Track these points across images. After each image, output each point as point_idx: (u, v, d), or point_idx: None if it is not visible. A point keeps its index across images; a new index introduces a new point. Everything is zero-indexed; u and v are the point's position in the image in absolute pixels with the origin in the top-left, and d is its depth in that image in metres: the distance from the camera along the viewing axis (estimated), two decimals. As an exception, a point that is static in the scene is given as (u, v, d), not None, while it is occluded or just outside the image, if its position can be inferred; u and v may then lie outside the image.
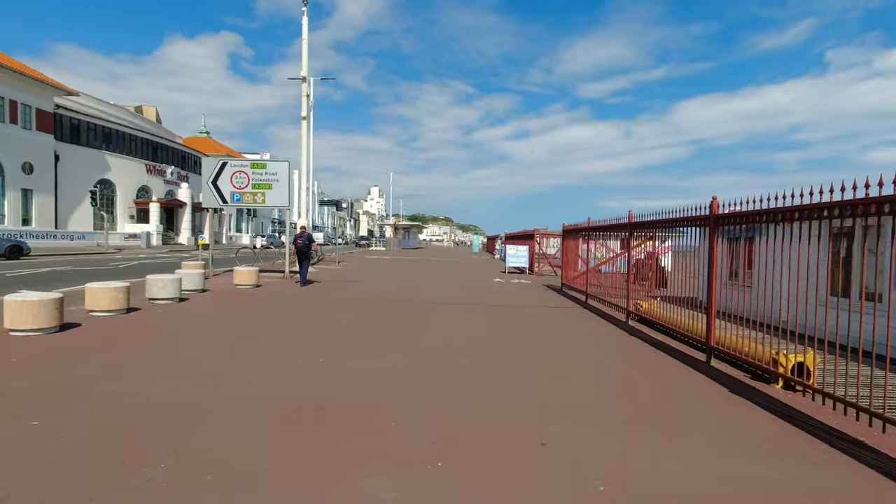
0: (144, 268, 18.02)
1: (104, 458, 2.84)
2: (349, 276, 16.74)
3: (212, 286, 11.88)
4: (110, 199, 38.20)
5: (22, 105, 30.03)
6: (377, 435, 3.37)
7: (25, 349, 5.27)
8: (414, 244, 66.73)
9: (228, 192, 14.50)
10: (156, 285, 8.82)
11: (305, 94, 18.38)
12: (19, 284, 11.71)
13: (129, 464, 2.78)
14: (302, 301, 10.19)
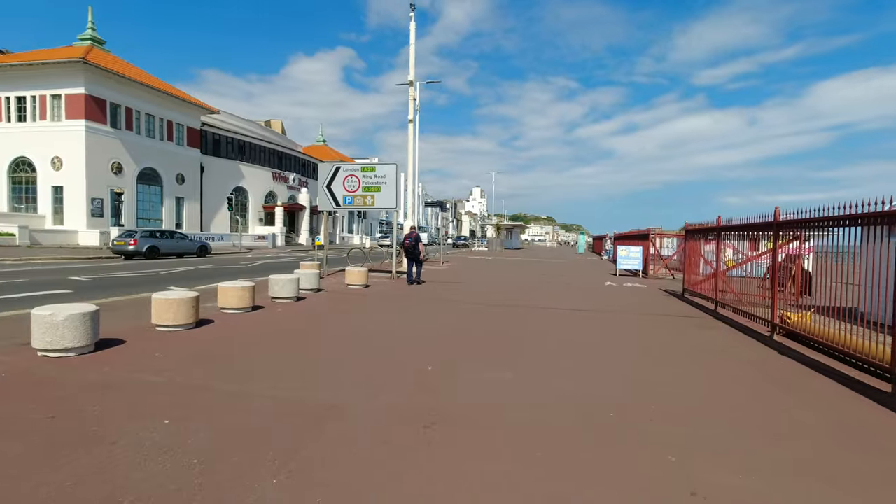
0: (269, 267, 19.68)
1: (221, 466, 2.84)
2: (453, 277, 16.72)
3: (326, 285, 12.48)
4: (243, 205, 42.75)
5: (176, 124, 34.72)
6: (492, 462, 3.02)
7: (165, 344, 5.76)
8: (516, 244, 65.84)
9: (341, 195, 15.22)
10: (277, 284, 9.39)
11: (412, 98, 18.75)
12: (170, 282, 13.31)
13: (244, 476, 2.73)
14: (408, 302, 10.24)
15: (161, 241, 22.70)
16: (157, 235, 22.81)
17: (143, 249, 21.30)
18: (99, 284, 12.02)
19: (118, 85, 29.65)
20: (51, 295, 9.99)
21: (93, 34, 32.90)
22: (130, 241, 21.19)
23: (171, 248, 23.25)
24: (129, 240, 21.22)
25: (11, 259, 17.94)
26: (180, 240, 24.41)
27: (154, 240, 22.23)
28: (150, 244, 21.72)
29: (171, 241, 23.55)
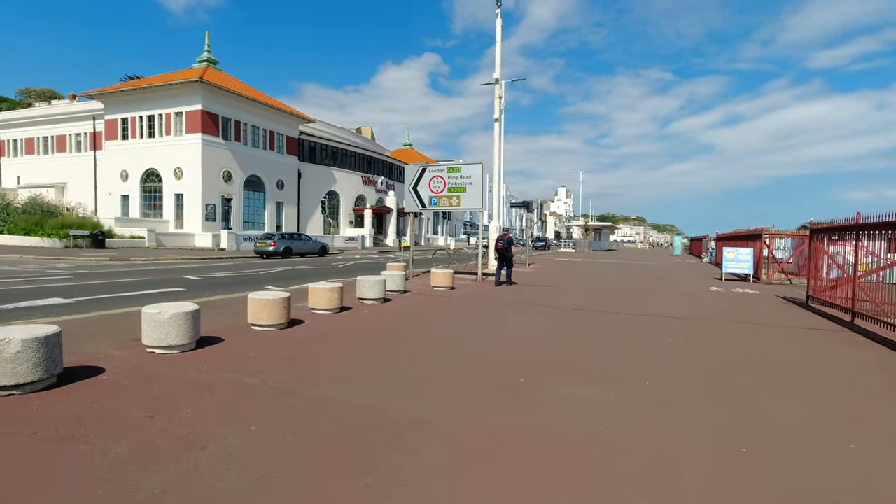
0: (357, 268, 20.29)
1: (299, 481, 2.65)
2: (540, 280, 16.04)
3: (411, 287, 12.47)
4: (335, 208, 44.97)
5: (277, 134, 37.34)
6: None
7: (259, 344, 5.88)
8: (605, 246, 62.83)
9: (427, 196, 15.21)
10: (364, 286, 9.46)
11: (497, 97, 18.34)
12: (268, 281, 14.09)
13: (320, 493, 2.52)
14: (495, 307, 9.85)
15: (293, 242, 26.27)
16: (288, 238, 26.35)
17: (280, 249, 24.65)
18: (207, 283, 13.00)
19: (228, 100, 32.48)
20: (166, 293, 10.93)
21: (208, 56, 36.39)
22: (270, 242, 24.52)
23: (300, 248, 26.74)
24: (269, 241, 24.53)
25: (141, 259, 20.19)
26: (306, 241, 28.10)
27: (288, 241, 25.73)
28: (285, 245, 25.20)
29: (300, 243, 27.12)
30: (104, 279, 13.00)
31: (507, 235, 14.74)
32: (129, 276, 14.08)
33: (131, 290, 11.09)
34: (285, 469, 2.82)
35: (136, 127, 33.02)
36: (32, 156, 40.60)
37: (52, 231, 22.97)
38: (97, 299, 9.48)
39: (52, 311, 7.94)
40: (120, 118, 33.55)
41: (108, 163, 34.47)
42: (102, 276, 13.87)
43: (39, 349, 3.86)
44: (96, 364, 4.71)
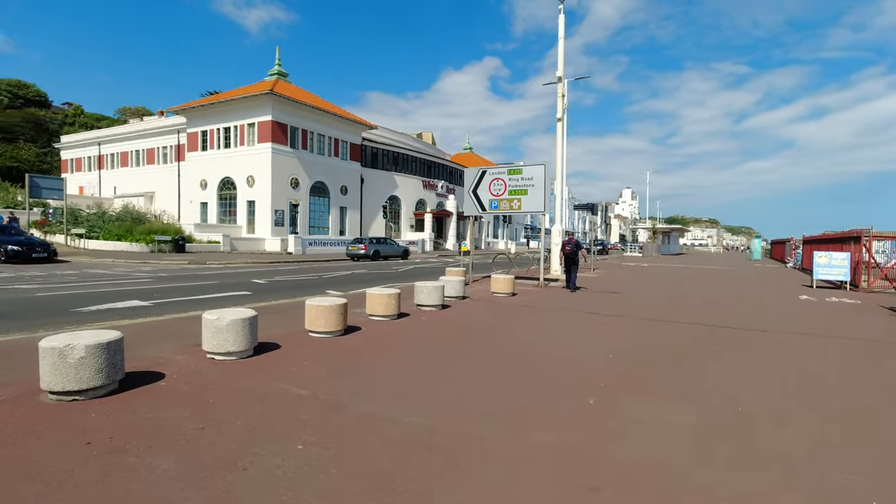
0: (417, 272, 20.26)
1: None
2: (609, 286, 15.16)
3: (471, 293, 12.14)
4: (396, 212, 45.66)
5: (341, 141, 38.49)
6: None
7: (314, 352, 5.78)
8: (675, 249, 59.32)
9: (487, 199, 14.85)
10: (422, 292, 9.25)
11: (560, 95, 17.65)
12: (330, 285, 14.30)
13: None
14: (560, 315, 9.29)
15: (380, 246, 28.71)
16: (376, 242, 28.65)
17: (370, 252, 27.09)
18: (272, 287, 13.37)
19: (296, 110, 33.88)
20: (234, 296, 11.31)
21: (279, 69, 38.21)
22: (362, 246, 27.14)
23: (386, 251, 29.09)
24: (360, 245, 27.16)
25: (216, 263, 21.36)
26: (392, 245, 30.44)
27: (376, 245, 28.21)
28: (374, 248, 27.83)
29: (387, 246, 29.46)
30: (180, 282, 13.75)
31: (574, 239, 14.44)
32: (203, 279, 14.83)
33: (203, 293, 11.59)
34: (327, 498, 2.57)
35: (214, 138, 35.25)
36: (126, 168, 44.54)
37: (140, 237, 24.91)
38: (171, 302, 9.95)
39: (130, 314, 8.37)
40: (200, 131, 35.97)
41: (189, 172, 37.06)
42: (179, 279, 14.70)
43: (102, 355, 3.91)
44: (158, 369, 4.77)
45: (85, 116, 73.87)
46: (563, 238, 16.52)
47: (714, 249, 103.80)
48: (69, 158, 50.75)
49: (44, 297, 9.89)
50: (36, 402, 3.83)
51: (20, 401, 3.85)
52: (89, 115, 75.50)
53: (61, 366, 3.77)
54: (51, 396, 3.85)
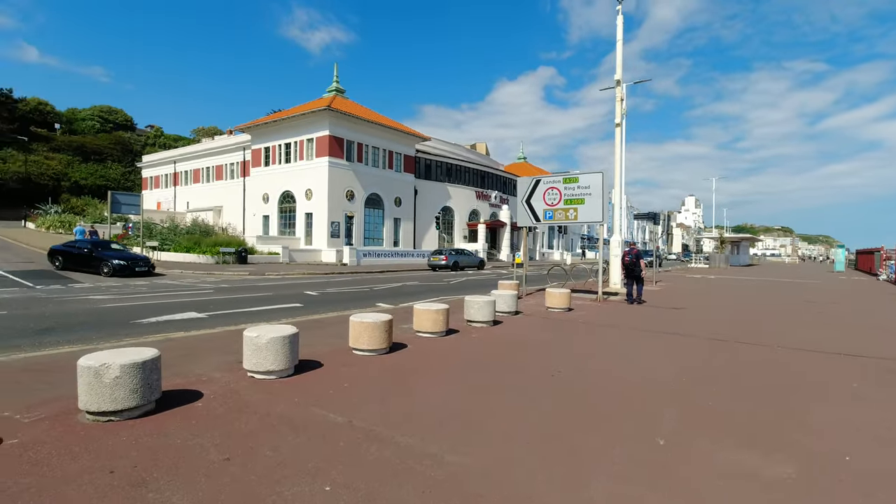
0: (469, 284, 19.86)
1: None
2: (673, 301, 14.06)
3: (524, 307, 11.59)
4: (449, 223, 45.60)
5: (395, 153, 39.04)
6: None
7: (356, 373, 5.51)
8: (744, 260, 55.30)
9: (541, 209, 14.27)
10: (472, 307, 8.84)
11: (619, 100, 16.80)
12: (380, 298, 14.19)
13: None
14: (621, 334, 8.56)
15: (459, 257, 30.02)
16: (456, 253, 30.14)
17: (450, 263, 28.34)
18: (324, 300, 13.43)
19: (352, 124, 34.74)
20: (286, 308, 11.39)
21: (336, 86, 39.45)
22: (442, 257, 28.73)
23: (465, 262, 30.18)
24: (441, 256, 28.76)
25: (274, 274, 22.02)
26: (468, 256, 31.57)
27: (456, 256, 29.51)
28: (454, 259, 29.08)
29: (465, 257, 30.66)
30: (238, 293, 14.13)
31: (636, 249, 13.81)
32: (259, 290, 15.20)
33: (257, 304, 11.78)
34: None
35: (276, 154, 36.80)
36: (198, 184, 47.47)
37: (207, 249, 26.23)
38: (225, 314, 10.13)
39: (185, 326, 8.54)
40: (263, 147, 37.70)
41: (253, 187, 38.87)
42: (238, 290, 15.14)
43: (137, 375, 3.80)
44: (197, 387, 4.66)
45: (164, 137, 79.93)
46: (622, 248, 15.61)
47: (789, 260, 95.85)
48: (149, 176, 54.87)
49: (111, 308, 10.37)
50: (73, 422, 3.77)
51: (59, 419, 3.81)
52: (168, 136, 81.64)
53: (97, 385, 3.69)
54: (88, 416, 3.78)
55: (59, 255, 19.34)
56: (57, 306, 10.36)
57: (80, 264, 18.78)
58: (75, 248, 19.40)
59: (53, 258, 19.51)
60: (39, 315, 9.19)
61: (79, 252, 19.01)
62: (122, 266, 18.00)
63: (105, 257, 18.24)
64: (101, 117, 76.20)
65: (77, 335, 7.49)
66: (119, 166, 65.75)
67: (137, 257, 19.14)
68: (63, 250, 19.52)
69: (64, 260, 19.17)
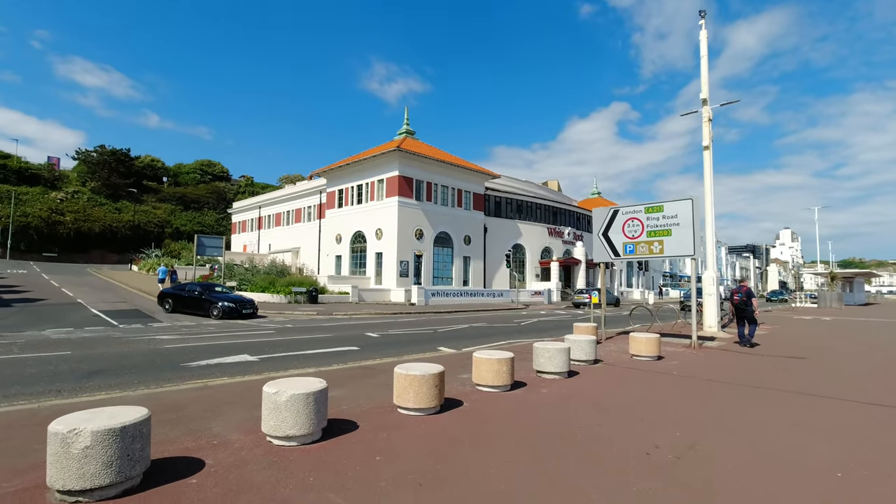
0: (540, 326, 18.34)
1: None
2: (786, 347, 11.72)
3: (604, 354, 10.05)
4: (521, 261, 44.13)
5: (464, 191, 38.81)
6: None
7: (396, 440, 4.50)
8: (860, 299, 48.11)
9: (620, 243, 12.78)
10: (542, 355, 7.58)
11: (707, 120, 15.11)
12: (444, 340, 13.19)
13: None
14: (733, 392, 6.86)
15: None
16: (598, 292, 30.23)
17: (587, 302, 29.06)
18: (383, 342, 12.68)
19: (421, 164, 35.09)
20: (341, 352, 10.72)
21: (407, 128, 40.48)
22: (587, 295, 30.07)
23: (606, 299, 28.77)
24: (585, 295, 30.27)
25: (342, 314, 21.86)
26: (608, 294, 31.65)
27: None
28: None
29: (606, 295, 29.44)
30: (299, 335, 13.79)
31: (746, 286, 12.82)
32: (322, 331, 14.81)
33: (314, 346, 11.25)
34: None
35: (349, 196, 37.95)
36: (279, 227, 50.19)
37: (281, 288, 26.93)
38: (279, 357, 9.62)
39: (232, 370, 8.05)
40: (337, 189, 39.11)
41: (327, 228, 40.20)
42: (300, 331, 14.86)
43: (112, 445, 3.07)
44: (203, 455, 3.88)
45: (254, 186, 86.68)
46: (728, 287, 13.57)
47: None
48: (237, 221, 59.12)
49: (169, 350, 10.27)
50: (41, 502, 3.08)
51: (23, 496, 3.14)
52: (257, 185, 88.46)
53: (64, 457, 2.99)
54: (57, 496, 3.07)
55: (168, 299, 19.90)
56: (121, 346, 10.44)
57: (190, 307, 19.18)
58: (185, 291, 19.97)
59: (163, 301, 20.04)
60: (99, 355, 9.18)
61: (189, 295, 19.55)
62: (230, 308, 18.19)
63: (214, 300, 18.56)
64: (201, 170, 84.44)
65: (121, 378, 7.20)
66: (214, 213, 71.71)
67: (244, 300, 19.37)
68: (173, 293, 20.21)
69: (174, 303, 19.67)
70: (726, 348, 11.82)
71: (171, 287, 21.67)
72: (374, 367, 8.33)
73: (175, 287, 21.34)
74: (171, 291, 20.56)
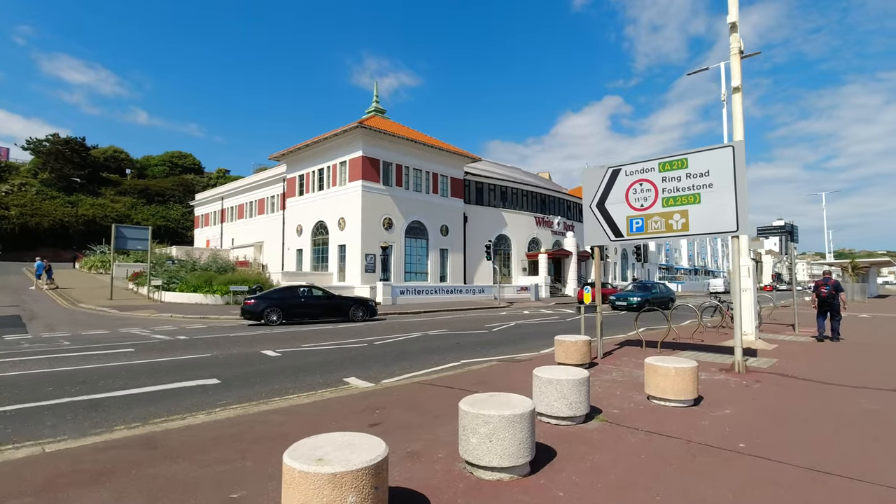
0: (518, 332, 14.28)
1: None
2: (879, 370, 7.77)
3: (603, 395, 6.01)
4: (506, 254, 40.06)
5: (441, 176, 34.59)
6: None
7: None
8: (874, 291, 44.72)
9: (623, 217, 8.75)
10: (474, 432, 3.52)
11: (737, 52, 11.08)
12: (362, 364, 9.06)
13: None
14: None
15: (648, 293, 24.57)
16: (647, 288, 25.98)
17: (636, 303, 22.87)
18: (266, 370, 8.57)
19: (389, 144, 30.85)
20: (187, 388, 6.58)
21: (376, 106, 36.20)
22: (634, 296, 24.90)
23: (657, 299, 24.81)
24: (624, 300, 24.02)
25: (277, 317, 17.69)
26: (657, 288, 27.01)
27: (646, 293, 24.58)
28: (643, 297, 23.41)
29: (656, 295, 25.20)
30: (176, 353, 9.66)
31: (833, 279, 12.10)
32: (213, 346, 10.67)
33: (162, 379, 7.12)
34: None
35: (310, 182, 33.66)
36: (242, 220, 45.72)
37: (217, 288, 22.70)
38: (106, 399, 5.48)
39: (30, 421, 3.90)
40: (297, 175, 34.79)
41: (288, 219, 35.90)
42: (189, 346, 10.72)
43: None
44: None
45: (226, 178, 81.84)
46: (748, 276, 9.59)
47: (923, 290, 79.83)
48: (200, 214, 54.50)
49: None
50: None
51: None
52: (230, 177, 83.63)
53: None
54: None
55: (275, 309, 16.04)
56: None
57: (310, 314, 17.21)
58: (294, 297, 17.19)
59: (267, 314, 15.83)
60: None
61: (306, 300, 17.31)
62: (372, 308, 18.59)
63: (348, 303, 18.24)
64: (171, 162, 79.51)
65: None
66: (180, 207, 66.90)
67: None
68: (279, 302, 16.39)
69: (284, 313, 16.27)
70: (783, 371, 7.83)
71: (266, 294, 17.35)
72: (159, 442, 4.20)
73: (271, 294, 17.22)
74: (275, 299, 16.44)
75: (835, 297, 11.83)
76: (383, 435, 4.43)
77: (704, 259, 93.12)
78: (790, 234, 14.01)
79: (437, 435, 4.52)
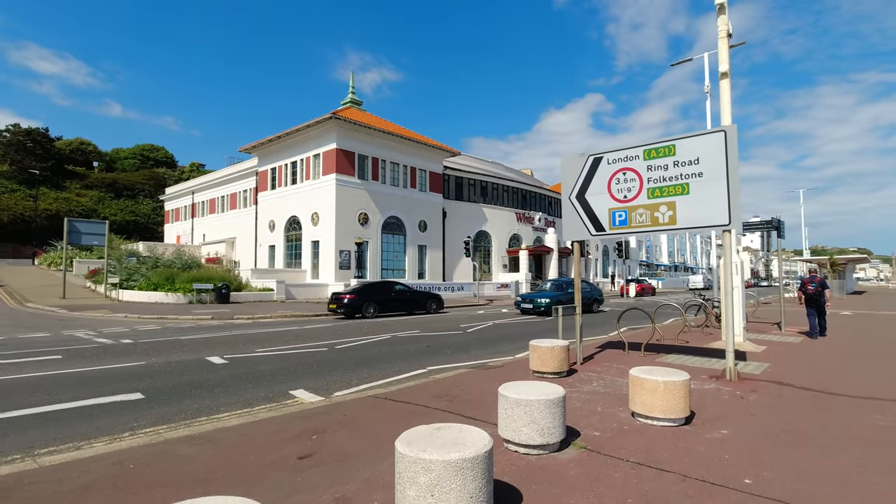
0: (494, 334, 13.49)
1: None
2: (881, 374, 7.16)
3: (583, 413, 5.22)
4: (486, 250, 39.33)
5: (419, 170, 33.62)
6: None
7: None
8: (851, 287, 45.23)
9: (605, 209, 7.98)
10: (412, 482, 2.65)
11: (726, 35, 10.41)
12: (316, 371, 8.13)
13: None
14: None
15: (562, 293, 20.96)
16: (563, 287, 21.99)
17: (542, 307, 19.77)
18: (211, 379, 7.59)
19: (365, 136, 29.76)
20: (106, 405, 5.57)
21: (352, 97, 35.02)
22: None
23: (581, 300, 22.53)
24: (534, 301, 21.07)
25: (244, 318, 16.58)
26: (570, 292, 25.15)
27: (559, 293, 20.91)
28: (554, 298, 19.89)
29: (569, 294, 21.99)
30: (109, 360, 8.57)
31: (819, 277, 12.12)
32: (151, 353, 9.61)
33: (64, 397, 6.09)
34: None
35: (282, 175, 32.37)
36: (214, 214, 44.03)
37: (180, 286, 21.41)
38: None
39: None
40: (269, 168, 33.45)
41: (261, 214, 34.56)
42: (125, 352, 9.63)
43: None
44: None
45: (200, 172, 79.37)
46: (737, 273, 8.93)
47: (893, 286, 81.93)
48: (171, 209, 52.49)
49: None
50: None
51: None
52: (204, 171, 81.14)
53: None
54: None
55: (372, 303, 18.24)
56: None
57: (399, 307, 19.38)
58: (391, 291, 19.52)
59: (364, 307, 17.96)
60: None
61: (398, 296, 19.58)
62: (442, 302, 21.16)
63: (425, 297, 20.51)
64: (142, 155, 76.76)
65: None
66: (150, 202, 64.53)
67: None
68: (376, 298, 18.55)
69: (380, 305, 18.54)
70: (778, 378, 7.15)
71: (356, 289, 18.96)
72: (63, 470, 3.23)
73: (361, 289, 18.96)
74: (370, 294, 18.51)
75: (821, 294, 11.84)
76: (312, 470, 3.54)
77: (684, 255, 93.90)
78: (777, 229, 13.51)
79: (378, 471, 3.65)
